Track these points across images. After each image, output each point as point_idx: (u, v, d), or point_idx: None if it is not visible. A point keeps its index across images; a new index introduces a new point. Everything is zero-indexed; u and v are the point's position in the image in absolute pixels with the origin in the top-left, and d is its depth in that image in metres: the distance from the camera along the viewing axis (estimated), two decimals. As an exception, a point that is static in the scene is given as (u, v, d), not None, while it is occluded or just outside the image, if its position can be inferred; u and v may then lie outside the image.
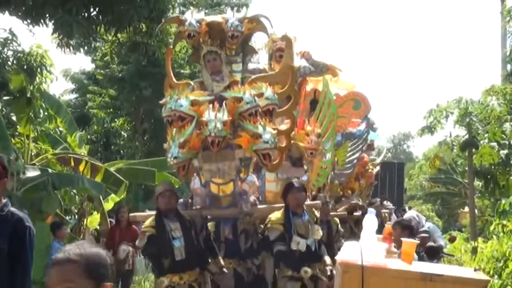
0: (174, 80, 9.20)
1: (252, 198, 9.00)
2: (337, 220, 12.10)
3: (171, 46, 10.62)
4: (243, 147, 7.96)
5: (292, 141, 9.25)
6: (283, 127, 8.90)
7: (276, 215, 8.73)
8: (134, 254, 13.20)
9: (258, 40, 11.09)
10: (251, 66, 10.18)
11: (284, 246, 8.57)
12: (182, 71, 23.77)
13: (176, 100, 8.02)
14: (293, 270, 8.63)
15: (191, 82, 9.02)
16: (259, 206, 9.20)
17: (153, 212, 8.66)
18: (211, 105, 7.95)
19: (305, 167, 10.57)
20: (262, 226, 9.09)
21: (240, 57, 8.97)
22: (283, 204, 8.88)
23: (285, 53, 9.28)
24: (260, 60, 11.62)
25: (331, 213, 11.97)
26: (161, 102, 8.66)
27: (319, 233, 8.79)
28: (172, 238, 8.15)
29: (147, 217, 8.58)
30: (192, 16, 8.73)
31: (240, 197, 8.67)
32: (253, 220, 9.13)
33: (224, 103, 7.99)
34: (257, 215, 9.08)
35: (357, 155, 13.92)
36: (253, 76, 8.86)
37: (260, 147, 7.84)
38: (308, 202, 9.38)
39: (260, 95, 8.10)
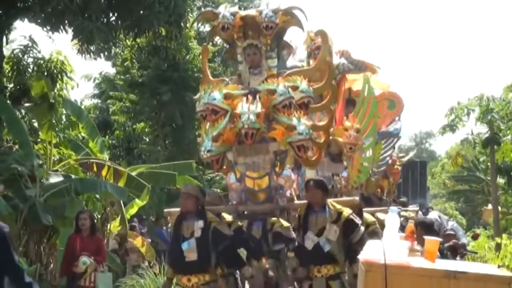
0: (211, 77, 9.18)
1: (288, 192, 8.89)
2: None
3: (207, 43, 10.60)
4: (277, 139, 7.92)
5: (331, 137, 9.20)
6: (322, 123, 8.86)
7: (300, 210, 8.67)
8: (97, 268, 11.42)
9: (297, 39, 11.09)
10: (289, 63, 10.13)
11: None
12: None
13: (210, 94, 8.03)
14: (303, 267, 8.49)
15: (226, 79, 9.04)
16: (296, 201, 9.09)
17: None
18: (244, 98, 7.94)
19: (345, 163, 10.51)
20: None
21: (275, 53, 8.93)
22: None
23: (321, 48, 9.25)
24: (299, 58, 11.66)
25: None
26: (195, 97, 8.69)
27: (333, 234, 8.38)
28: (182, 240, 8.19)
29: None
30: (226, 9, 8.74)
31: (275, 192, 8.58)
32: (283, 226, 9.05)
33: (257, 96, 7.98)
34: (294, 210, 8.95)
35: (389, 152, 13.82)
36: (288, 71, 8.80)
37: (294, 139, 7.78)
38: (344, 198, 9.27)
39: (295, 88, 8.05)
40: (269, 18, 8.51)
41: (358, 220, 8.57)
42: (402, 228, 5.93)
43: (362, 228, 8.50)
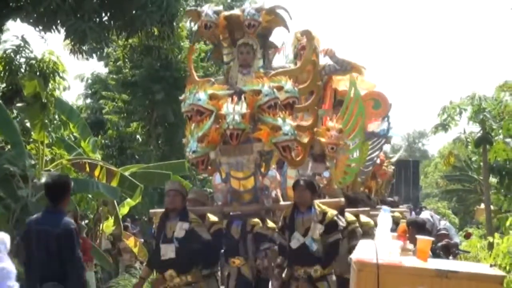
0: (196, 77, 9.19)
1: (273, 193, 8.92)
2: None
3: (192, 43, 10.60)
4: (262, 140, 7.91)
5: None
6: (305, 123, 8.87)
7: (286, 211, 8.66)
8: (85, 268, 11.24)
9: (285, 39, 11.09)
10: (276, 64, 10.14)
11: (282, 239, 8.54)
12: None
13: (195, 95, 8.04)
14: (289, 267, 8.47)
15: (212, 79, 9.05)
16: (282, 202, 9.12)
17: None
18: (229, 99, 7.97)
19: (327, 163, 10.49)
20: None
21: (261, 53, 8.97)
22: None
23: (306, 48, 9.27)
24: (287, 59, 11.65)
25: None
26: (180, 98, 8.68)
27: (318, 233, 8.26)
28: (165, 239, 8.19)
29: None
30: (209, 8, 8.74)
31: (261, 192, 8.61)
32: (267, 228, 9.03)
33: (243, 96, 8.00)
34: (279, 211, 8.97)
35: (376, 153, 13.80)
36: (273, 71, 8.81)
37: (279, 140, 7.79)
38: (330, 200, 9.24)
39: (280, 88, 8.06)
40: (251, 16, 8.55)
41: (341, 223, 8.59)
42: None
43: (340, 235, 8.47)
